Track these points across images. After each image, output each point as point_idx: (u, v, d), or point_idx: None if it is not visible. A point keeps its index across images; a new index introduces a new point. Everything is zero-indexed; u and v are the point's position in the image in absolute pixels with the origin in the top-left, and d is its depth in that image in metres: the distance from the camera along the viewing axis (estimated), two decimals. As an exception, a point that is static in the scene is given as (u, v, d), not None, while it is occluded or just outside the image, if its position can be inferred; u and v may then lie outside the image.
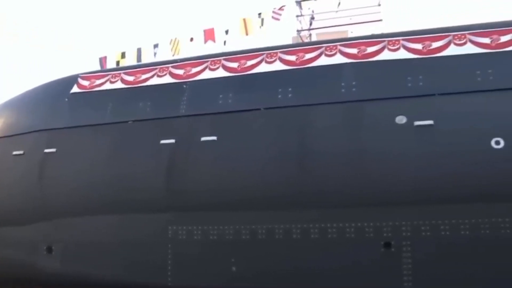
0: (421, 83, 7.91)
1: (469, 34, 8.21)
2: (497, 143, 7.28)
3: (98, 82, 9.80)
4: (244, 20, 14.89)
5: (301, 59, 8.65)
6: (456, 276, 7.20)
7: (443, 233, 7.31)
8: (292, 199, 7.80)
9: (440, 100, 7.71)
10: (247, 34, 14.81)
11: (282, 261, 7.78)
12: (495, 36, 8.09)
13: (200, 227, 8.16)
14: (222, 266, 7.99)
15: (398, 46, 8.34)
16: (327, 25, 14.82)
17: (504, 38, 8.05)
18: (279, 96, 8.38)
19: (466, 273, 7.18)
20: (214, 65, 9.08)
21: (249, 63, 8.93)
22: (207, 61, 9.21)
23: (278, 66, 8.72)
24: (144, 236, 8.43)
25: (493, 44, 8.03)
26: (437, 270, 7.27)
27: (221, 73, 8.99)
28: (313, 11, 15.23)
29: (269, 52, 8.96)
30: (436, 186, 7.35)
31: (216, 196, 8.14)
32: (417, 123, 7.60)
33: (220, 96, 8.69)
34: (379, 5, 14.50)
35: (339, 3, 14.79)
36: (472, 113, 7.54)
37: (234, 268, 7.95)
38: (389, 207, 7.43)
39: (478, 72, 7.80)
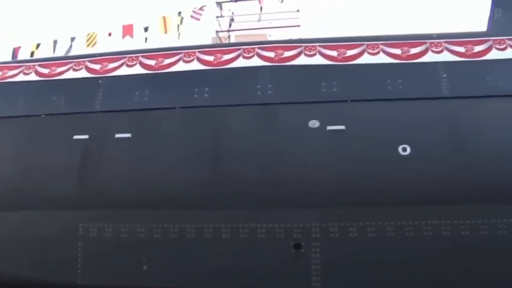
0: (335, 89, 8.13)
1: (382, 44, 8.52)
2: (404, 150, 7.59)
3: (10, 73, 9.48)
4: (164, 18, 14.79)
5: (218, 60, 8.69)
6: (363, 276, 7.45)
7: (351, 235, 7.53)
8: (205, 199, 7.80)
9: (352, 107, 7.96)
10: (166, 32, 14.71)
11: (194, 260, 7.76)
12: (405, 48, 8.44)
13: (111, 225, 8.04)
14: (133, 265, 7.90)
15: (314, 52, 8.53)
16: (246, 28, 14.97)
17: (414, 50, 8.42)
18: (195, 95, 8.39)
19: (372, 274, 7.42)
20: (132, 62, 8.97)
21: (167, 61, 8.88)
22: (125, 57, 9.09)
23: (195, 65, 8.72)
24: (54, 233, 8.20)
25: (404, 55, 8.38)
26: (345, 270, 7.48)
27: (138, 70, 8.89)
28: (233, 13, 15.34)
29: (187, 51, 8.94)
30: (346, 190, 7.57)
31: (128, 194, 8.03)
32: (329, 127, 7.80)
33: (136, 93, 8.59)
34: (298, 11, 14.80)
35: (261, 8, 14.97)
36: (382, 120, 7.81)
37: (145, 267, 7.89)
38: (300, 209, 7.59)
39: (389, 81, 8.12)
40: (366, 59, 8.39)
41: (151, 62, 8.89)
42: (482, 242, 7.38)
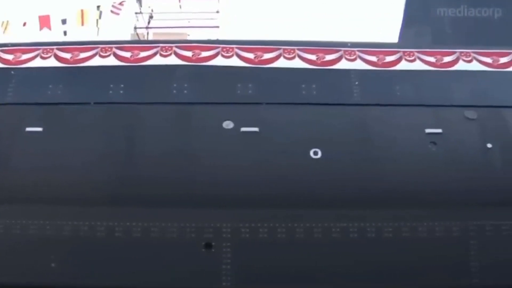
0: (250, 91, 8.24)
1: (298, 49, 8.70)
2: (316, 153, 7.79)
3: None
4: (82, 11, 14.50)
5: (135, 57, 8.60)
6: (273, 277, 7.55)
7: (261, 235, 7.64)
8: (116, 197, 7.72)
9: (267, 109, 8.09)
10: (82, 25, 14.42)
11: (104, 259, 7.64)
12: (321, 54, 8.66)
13: (19, 222, 7.81)
14: (41, 263, 7.70)
15: (231, 54, 8.60)
16: (165, 26, 14.88)
17: (328, 57, 8.65)
18: (111, 92, 8.28)
19: (282, 272, 7.55)
20: (46, 54, 8.73)
21: (83, 55, 8.71)
22: (39, 49, 8.83)
23: (112, 61, 8.60)
24: None
25: (319, 62, 8.60)
26: (256, 271, 7.58)
27: (53, 62, 8.67)
28: (152, 10, 15.21)
29: (104, 46, 8.79)
30: (257, 191, 7.68)
31: (38, 189, 7.80)
32: (243, 129, 7.89)
33: (50, 86, 8.38)
34: (218, 12, 14.84)
35: (180, 6, 14.92)
36: (295, 124, 7.98)
37: (53, 265, 7.71)
38: (211, 209, 7.63)
39: (303, 86, 8.31)
40: (282, 63, 8.55)
41: (67, 56, 8.69)
42: (388, 243, 7.70)
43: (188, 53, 8.61)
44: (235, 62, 8.52)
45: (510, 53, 9.14)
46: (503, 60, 9.06)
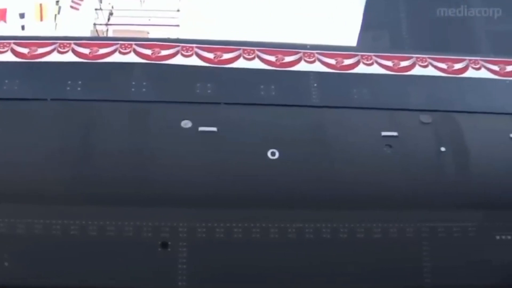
0: (209, 91, 8.25)
1: (258, 50, 8.74)
2: (273, 154, 7.84)
3: None
4: (41, 5, 14.28)
5: (94, 53, 8.52)
6: (229, 277, 7.60)
7: (218, 235, 7.67)
8: (72, 195, 7.64)
9: (225, 109, 8.11)
10: (41, 20, 14.21)
11: (59, 258, 7.56)
12: (280, 56, 8.73)
13: None
14: None
15: (191, 53, 8.60)
16: (125, 23, 14.78)
17: (288, 58, 8.72)
18: (68, 88, 8.18)
19: (238, 272, 7.60)
20: (3, 48, 8.57)
21: (41, 50, 8.58)
22: None
23: (70, 57, 8.50)
24: None
25: (278, 63, 8.66)
26: (212, 271, 7.60)
27: (9, 57, 8.53)
28: (112, 7, 15.09)
29: (62, 42, 8.67)
30: (214, 191, 7.70)
31: None
32: (201, 128, 7.89)
33: (6, 81, 8.24)
34: (178, 10, 14.82)
35: (141, 3, 14.85)
36: (253, 124, 8.03)
37: (6, 264, 7.59)
38: (168, 208, 7.62)
39: (262, 86, 8.37)
40: (241, 63, 8.58)
41: (24, 50, 8.54)
42: (343, 244, 7.82)
43: (148, 51, 8.56)
44: (194, 61, 8.52)
45: (465, 60, 9.37)
46: (458, 66, 9.29)
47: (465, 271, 7.99)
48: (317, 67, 8.77)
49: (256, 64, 8.62)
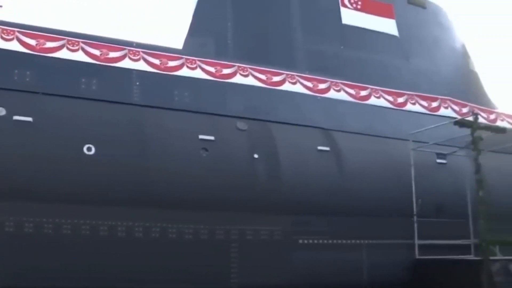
0: (28, 79, 7.95)
1: (83, 42, 8.59)
2: (89, 149, 7.74)
3: None
4: None
5: None
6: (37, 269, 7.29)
7: (26, 230, 7.35)
8: None
9: (43, 100, 7.84)
10: None
11: None
12: (105, 50, 8.66)
13: None
14: None
15: (12, 37, 8.23)
16: None
17: (113, 54, 8.69)
18: None
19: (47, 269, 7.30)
20: None
21: None
22: None
23: None
24: None
25: (102, 57, 8.58)
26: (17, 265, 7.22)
27: None
28: None
29: None
30: (34, 185, 7.35)
31: None
32: (16, 117, 7.56)
33: None
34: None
35: None
36: (71, 118, 7.85)
37: None
38: None
39: (84, 80, 8.25)
40: (64, 54, 8.38)
41: None
42: (154, 243, 7.93)
43: None
44: (14, 46, 8.16)
45: (283, 74, 9.95)
46: (276, 78, 9.84)
47: (270, 271, 8.50)
48: (141, 65, 8.83)
49: (80, 56, 8.46)
